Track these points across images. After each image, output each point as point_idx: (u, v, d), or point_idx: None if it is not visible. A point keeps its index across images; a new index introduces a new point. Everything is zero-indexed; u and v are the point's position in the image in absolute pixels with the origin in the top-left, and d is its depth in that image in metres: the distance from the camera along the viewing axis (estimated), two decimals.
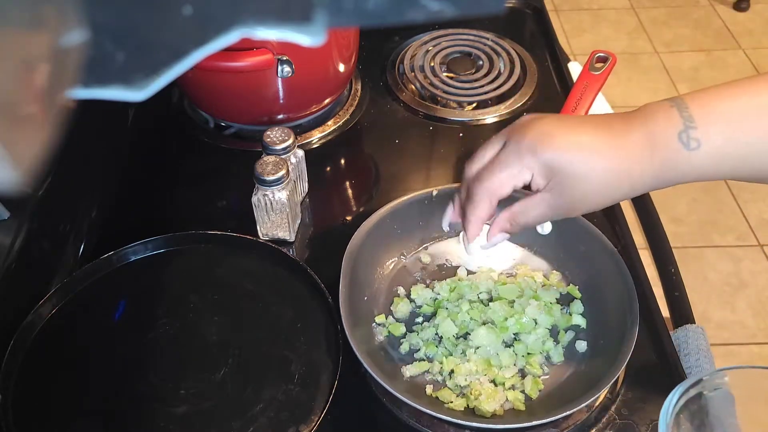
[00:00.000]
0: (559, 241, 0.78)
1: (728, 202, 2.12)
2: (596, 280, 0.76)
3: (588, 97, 0.88)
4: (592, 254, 0.77)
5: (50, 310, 0.73)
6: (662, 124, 0.56)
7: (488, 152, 0.62)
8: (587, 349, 0.72)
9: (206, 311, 0.74)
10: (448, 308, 0.75)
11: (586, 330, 0.74)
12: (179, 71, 0.24)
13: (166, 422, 0.65)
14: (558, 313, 0.74)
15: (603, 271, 0.75)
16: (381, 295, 0.78)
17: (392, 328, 0.74)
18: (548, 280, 0.78)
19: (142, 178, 0.95)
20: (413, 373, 0.70)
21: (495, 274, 0.79)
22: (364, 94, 1.05)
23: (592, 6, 2.93)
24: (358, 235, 0.77)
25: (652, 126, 0.56)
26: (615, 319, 0.70)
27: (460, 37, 1.14)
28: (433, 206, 0.79)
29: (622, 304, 0.70)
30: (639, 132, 0.56)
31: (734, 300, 1.89)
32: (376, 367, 0.66)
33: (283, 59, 0.84)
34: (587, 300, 0.76)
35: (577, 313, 0.75)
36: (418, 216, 0.81)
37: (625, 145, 0.56)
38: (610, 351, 0.68)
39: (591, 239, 0.77)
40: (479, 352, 0.71)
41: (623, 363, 0.65)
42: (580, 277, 0.78)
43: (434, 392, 0.69)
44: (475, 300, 0.76)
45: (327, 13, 0.23)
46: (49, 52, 0.22)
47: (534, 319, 0.73)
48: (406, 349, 0.73)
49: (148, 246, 0.79)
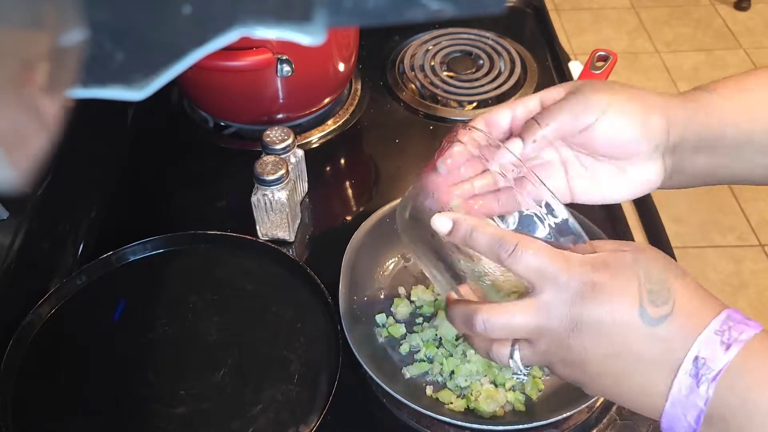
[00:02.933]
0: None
1: (729, 202, 2.12)
2: None
3: None
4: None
5: (50, 310, 0.73)
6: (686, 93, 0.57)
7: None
8: None
9: (206, 311, 0.74)
10: None
11: None
12: (178, 70, 0.24)
13: (166, 422, 0.65)
14: None
15: None
16: (381, 295, 0.78)
17: (392, 330, 0.74)
18: None
19: (142, 178, 0.95)
20: (413, 374, 0.70)
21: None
22: (364, 93, 1.05)
23: (592, 5, 2.93)
24: (357, 235, 0.77)
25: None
26: None
27: (461, 37, 1.13)
28: None
29: None
30: (675, 98, 0.57)
31: (735, 300, 1.89)
32: (376, 368, 0.66)
33: (282, 58, 0.84)
34: None
35: None
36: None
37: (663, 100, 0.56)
38: None
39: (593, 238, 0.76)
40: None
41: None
42: None
43: (434, 393, 0.69)
44: None
45: (327, 13, 0.23)
46: (49, 51, 0.21)
47: None
48: (407, 350, 0.72)
49: (148, 246, 0.79)
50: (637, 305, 0.45)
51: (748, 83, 0.57)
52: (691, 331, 0.44)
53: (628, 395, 0.47)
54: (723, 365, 0.42)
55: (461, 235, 0.49)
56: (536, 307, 0.46)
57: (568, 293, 0.46)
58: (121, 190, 0.92)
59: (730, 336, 0.43)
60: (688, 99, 0.56)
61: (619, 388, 0.47)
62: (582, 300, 0.45)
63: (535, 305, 0.46)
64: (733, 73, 0.61)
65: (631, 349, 0.45)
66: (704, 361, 0.43)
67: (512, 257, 0.47)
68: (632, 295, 0.45)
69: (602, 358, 0.46)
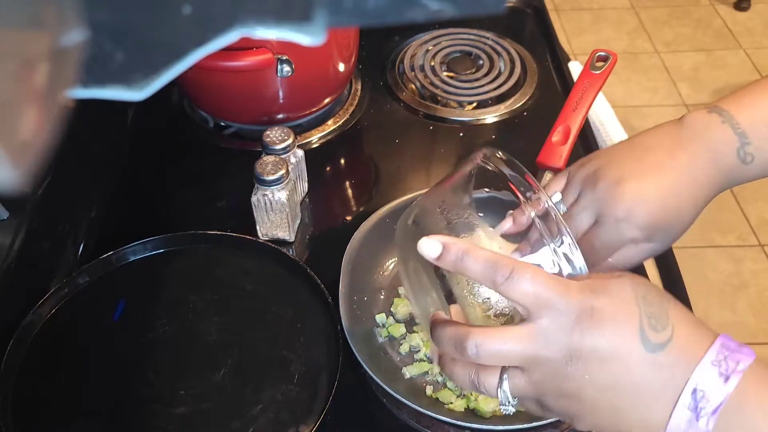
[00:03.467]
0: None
1: (729, 202, 2.12)
2: None
3: (589, 97, 0.88)
4: None
5: (50, 310, 0.73)
6: (720, 142, 0.58)
7: (576, 221, 0.60)
8: None
9: (206, 311, 0.74)
10: None
11: None
12: (179, 71, 0.24)
13: (166, 422, 0.65)
14: None
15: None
16: (381, 295, 0.78)
17: (392, 329, 0.74)
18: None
19: (142, 178, 0.95)
20: (413, 374, 0.70)
21: None
22: (364, 93, 1.05)
23: (592, 6, 2.93)
24: (357, 235, 0.77)
25: (712, 145, 0.58)
26: None
27: (461, 37, 1.13)
28: None
29: None
30: (702, 156, 0.58)
31: (735, 300, 1.89)
32: (375, 368, 0.66)
33: (282, 59, 0.84)
34: None
35: None
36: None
37: (694, 174, 0.59)
38: None
39: None
40: None
41: None
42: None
43: (434, 393, 0.69)
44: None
45: (327, 13, 0.23)
46: (49, 51, 0.21)
47: None
48: (407, 350, 0.72)
49: (148, 246, 0.79)
50: (637, 331, 0.43)
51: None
52: (690, 359, 0.43)
53: (627, 428, 0.45)
54: (723, 398, 0.41)
55: (451, 260, 0.46)
56: (533, 334, 0.44)
57: (567, 320, 0.43)
58: (121, 190, 0.92)
59: (728, 367, 0.42)
60: (721, 179, 0.59)
61: (617, 420, 0.45)
62: (581, 327, 0.43)
63: (532, 332, 0.44)
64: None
65: (631, 378, 0.43)
66: (703, 394, 0.42)
67: (508, 282, 0.44)
68: (633, 321, 0.43)
69: (600, 390, 0.44)
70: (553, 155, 0.81)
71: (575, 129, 0.81)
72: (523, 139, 0.98)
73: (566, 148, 0.81)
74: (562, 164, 0.80)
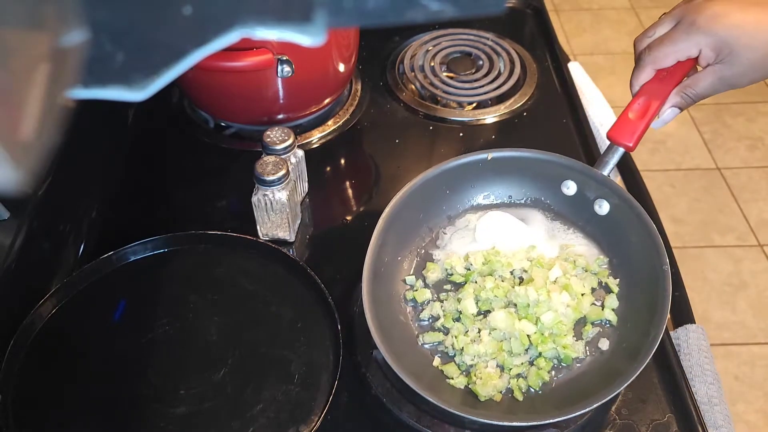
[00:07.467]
0: (612, 226, 0.76)
1: (728, 202, 2.12)
2: (635, 278, 0.73)
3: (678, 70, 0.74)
4: (640, 248, 0.73)
5: (50, 310, 0.73)
6: None
7: (659, 29, 0.71)
8: (608, 348, 0.70)
9: (206, 311, 0.74)
10: (477, 281, 0.75)
11: (614, 327, 0.72)
12: (179, 71, 0.24)
13: (166, 422, 0.65)
14: (587, 305, 0.73)
15: (643, 278, 0.71)
16: (417, 258, 0.79)
17: (418, 294, 0.75)
18: (590, 266, 0.76)
19: (142, 178, 0.95)
20: (427, 342, 0.71)
21: (534, 252, 0.77)
22: (364, 94, 1.05)
23: (592, 6, 2.93)
24: (406, 189, 0.77)
25: None
26: (640, 326, 0.68)
27: (460, 37, 1.14)
28: (487, 169, 0.80)
29: (650, 313, 0.67)
30: None
31: (734, 300, 1.89)
32: (381, 332, 0.65)
33: (283, 59, 0.84)
34: (623, 296, 0.73)
35: (609, 308, 0.73)
36: (473, 178, 0.82)
37: None
38: (625, 359, 0.66)
39: (643, 231, 0.72)
40: (494, 334, 0.71)
41: (626, 381, 0.62)
42: (622, 270, 0.75)
43: (441, 365, 0.69)
44: (508, 277, 0.75)
45: (327, 13, 0.23)
46: (50, 52, 0.21)
47: (557, 312, 0.71)
48: (428, 316, 0.73)
49: (148, 246, 0.79)
50: None
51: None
52: None
53: None
54: None
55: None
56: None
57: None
58: (122, 190, 0.93)
59: None
60: None
61: None
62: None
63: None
64: None
65: None
66: None
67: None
68: None
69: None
70: (626, 131, 0.73)
71: (656, 104, 0.72)
72: (523, 139, 0.98)
73: (642, 125, 0.73)
74: (634, 143, 0.73)
